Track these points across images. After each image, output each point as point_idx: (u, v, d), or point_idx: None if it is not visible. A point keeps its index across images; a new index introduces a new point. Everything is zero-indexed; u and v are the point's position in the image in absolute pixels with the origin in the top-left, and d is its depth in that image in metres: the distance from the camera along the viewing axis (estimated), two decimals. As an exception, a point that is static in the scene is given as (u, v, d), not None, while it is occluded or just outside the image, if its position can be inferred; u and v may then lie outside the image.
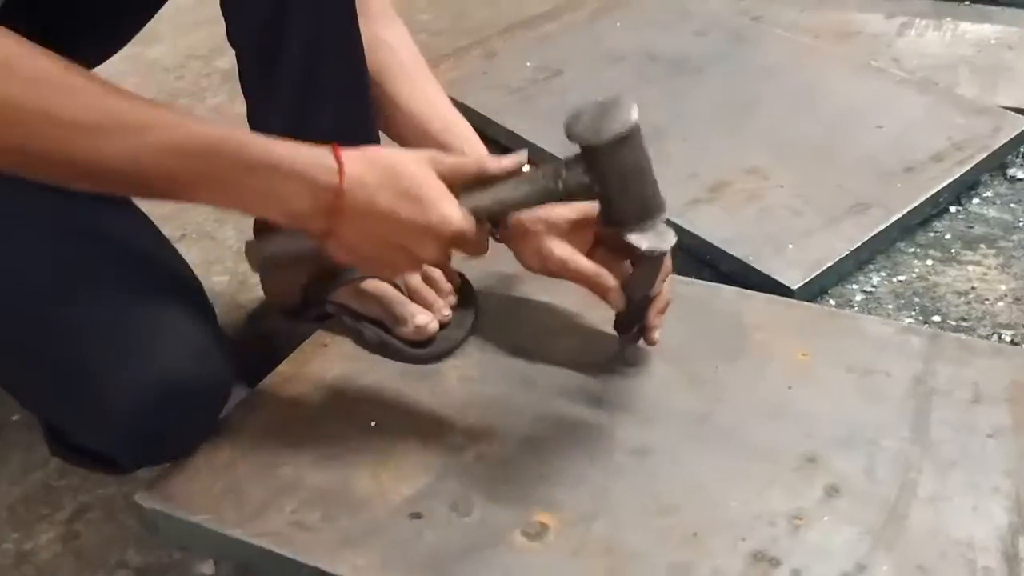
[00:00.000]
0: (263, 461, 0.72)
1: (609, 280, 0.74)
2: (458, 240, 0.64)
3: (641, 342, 0.80)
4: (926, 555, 0.63)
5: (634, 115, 0.66)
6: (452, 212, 0.63)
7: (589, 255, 0.75)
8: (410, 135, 0.81)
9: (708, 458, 0.71)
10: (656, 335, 0.79)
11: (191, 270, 0.78)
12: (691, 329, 0.84)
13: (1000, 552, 0.63)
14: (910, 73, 1.29)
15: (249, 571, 0.67)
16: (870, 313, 0.93)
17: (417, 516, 0.67)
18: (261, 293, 0.95)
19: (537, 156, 1.22)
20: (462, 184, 0.65)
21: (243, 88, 0.80)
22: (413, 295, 0.83)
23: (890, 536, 0.64)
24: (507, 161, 0.68)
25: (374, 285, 0.82)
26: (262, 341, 0.95)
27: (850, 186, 1.06)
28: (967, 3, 1.44)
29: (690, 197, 1.07)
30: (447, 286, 0.85)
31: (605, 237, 0.75)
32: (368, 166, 0.62)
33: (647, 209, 0.69)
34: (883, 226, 1.00)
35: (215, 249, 1.12)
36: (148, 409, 0.66)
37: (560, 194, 0.67)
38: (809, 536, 0.64)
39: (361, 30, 0.77)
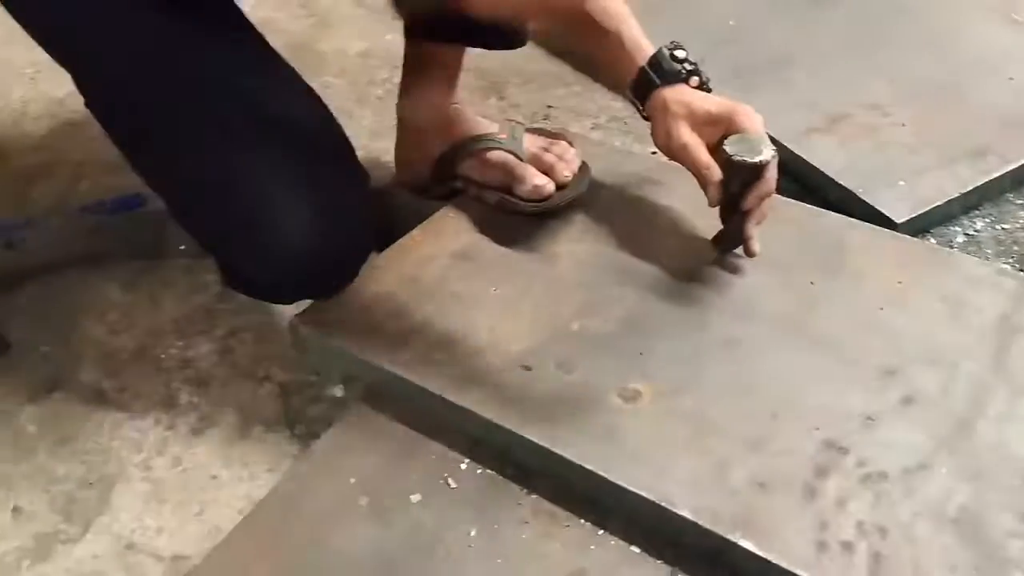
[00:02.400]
0: (396, 307, 0.83)
1: (715, 175, 0.79)
2: None
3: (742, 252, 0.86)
4: (985, 464, 0.69)
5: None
6: None
7: (711, 150, 0.81)
8: (577, 32, 0.87)
9: (795, 356, 0.78)
10: (755, 246, 0.84)
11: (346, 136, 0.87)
12: (794, 247, 0.89)
13: (1056, 472, 0.68)
14: (1052, 30, 1.27)
15: (377, 395, 0.78)
16: (969, 255, 0.96)
17: (527, 368, 0.77)
18: (393, 171, 1.04)
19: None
20: None
21: None
22: (534, 162, 0.92)
23: (955, 443, 0.70)
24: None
25: (497, 155, 0.92)
26: (392, 217, 1.05)
27: (971, 131, 1.07)
28: None
29: (808, 126, 1.10)
30: (568, 155, 0.93)
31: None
32: None
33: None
34: (997, 174, 1.01)
35: (353, 127, 1.20)
36: (309, 249, 0.77)
37: None
38: (879, 433, 0.71)
39: None
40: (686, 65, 0.84)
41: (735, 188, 0.81)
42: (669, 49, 0.85)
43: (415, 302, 0.83)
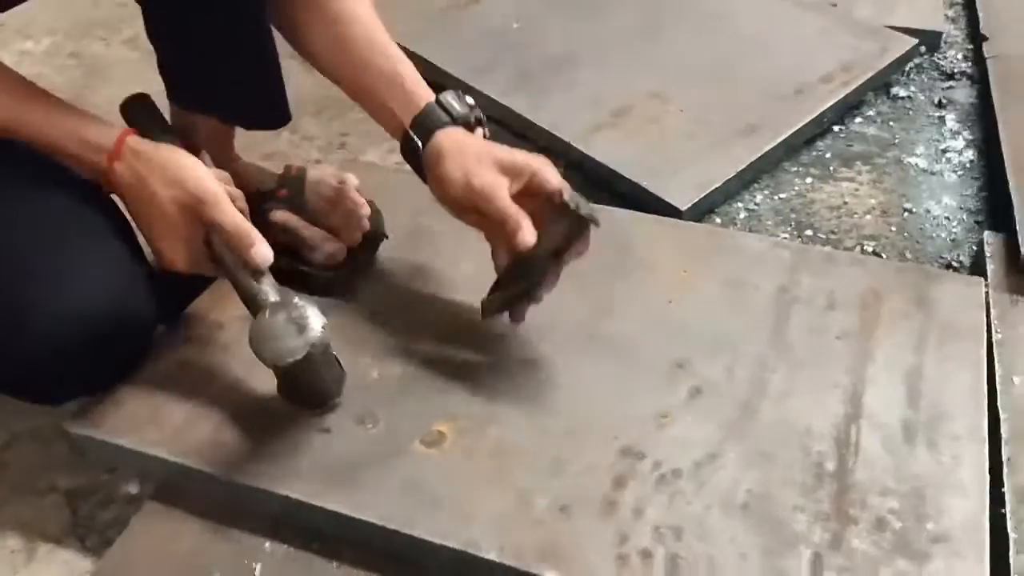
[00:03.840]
0: (182, 388, 0.78)
1: (526, 220, 0.72)
2: (214, 207, 0.71)
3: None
4: (770, 443, 0.72)
5: (307, 342, 0.67)
6: (209, 181, 0.72)
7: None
8: (347, 71, 0.81)
9: (590, 366, 0.79)
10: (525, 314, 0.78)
11: (121, 211, 0.79)
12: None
13: (833, 439, 0.72)
14: (812, -7, 1.35)
15: (170, 488, 0.74)
16: (751, 230, 1.01)
17: (326, 431, 0.74)
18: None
19: (449, 82, 1.27)
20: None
21: (151, 40, 0.83)
22: (321, 220, 0.88)
23: (741, 429, 0.73)
24: (256, 258, 0.72)
25: (282, 216, 0.87)
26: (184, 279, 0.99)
27: (743, 109, 1.12)
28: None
29: (594, 123, 1.13)
30: (360, 208, 0.88)
31: (530, 191, 0.74)
32: (140, 161, 0.72)
33: (316, 402, 0.75)
34: (768, 147, 1.07)
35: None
36: (78, 341, 0.70)
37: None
38: (672, 432, 0.73)
39: None
40: (476, 112, 0.79)
41: (557, 240, 0.74)
42: (457, 93, 0.79)
43: (200, 381, 0.79)
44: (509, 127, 1.18)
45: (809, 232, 1.00)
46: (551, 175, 0.74)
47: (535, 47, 1.28)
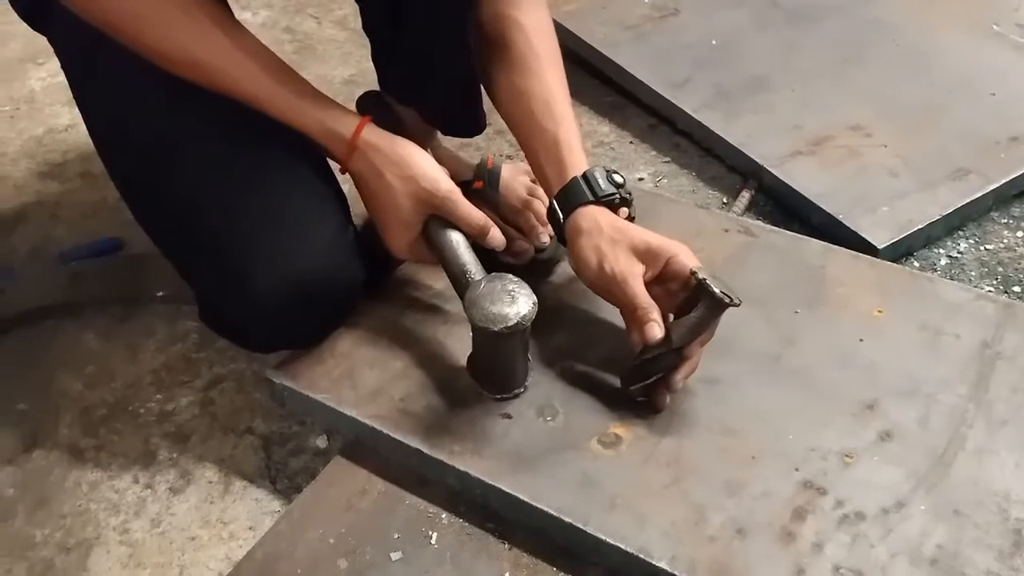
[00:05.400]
0: (378, 353, 0.82)
1: (654, 313, 0.72)
2: (449, 201, 0.77)
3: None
4: (963, 501, 0.68)
5: (518, 312, 0.71)
6: (444, 179, 0.77)
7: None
8: (518, 124, 0.84)
9: (773, 393, 0.78)
10: (668, 399, 0.75)
11: (335, 176, 0.84)
12: (775, 276, 0.89)
13: (1037, 508, 0.68)
14: (1034, 39, 1.27)
15: (357, 447, 0.78)
16: (952, 278, 0.96)
17: (507, 416, 0.77)
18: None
19: (643, 93, 1.27)
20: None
21: (365, 32, 0.88)
22: (513, 217, 0.91)
23: (932, 480, 0.70)
24: (493, 242, 0.80)
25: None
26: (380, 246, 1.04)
27: (952, 151, 1.07)
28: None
29: (791, 149, 1.10)
30: (542, 230, 0.91)
31: (666, 276, 0.74)
32: (377, 155, 0.77)
33: (504, 385, 0.78)
34: (978, 195, 1.02)
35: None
36: (291, 300, 0.76)
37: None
38: (857, 472, 0.71)
39: (500, 9, 0.83)
40: (623, 191, 0.79)
41: (690, 328, 0.71)
42: (608, 170, 0.79)
43: (394, 348, 0.83)
44: (699, 143, 1.18)
45: (1017, 288, 0.94)
46: (688, 262, 0.73)
47: (733, 66, 1.26)
